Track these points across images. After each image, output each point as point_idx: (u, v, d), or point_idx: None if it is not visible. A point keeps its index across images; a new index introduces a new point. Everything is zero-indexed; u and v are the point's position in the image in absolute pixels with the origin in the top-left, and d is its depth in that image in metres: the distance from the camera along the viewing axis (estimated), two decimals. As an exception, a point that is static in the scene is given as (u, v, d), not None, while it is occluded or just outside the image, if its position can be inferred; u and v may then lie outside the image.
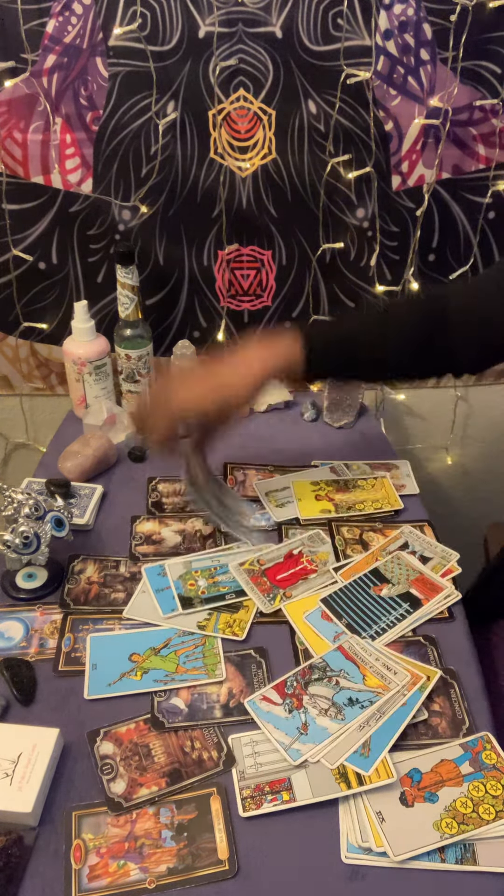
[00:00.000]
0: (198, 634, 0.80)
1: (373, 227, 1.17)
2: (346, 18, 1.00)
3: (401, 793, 0.64)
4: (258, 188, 1.12)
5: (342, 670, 0.75)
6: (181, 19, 0.99)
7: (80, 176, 1.10)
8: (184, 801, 0.65)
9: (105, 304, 1.22)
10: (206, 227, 1.16)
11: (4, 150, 1.07)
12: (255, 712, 0.71)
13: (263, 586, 0.86)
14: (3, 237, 1.14)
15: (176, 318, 1.25)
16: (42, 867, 0.60)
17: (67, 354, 1.13)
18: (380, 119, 1.08)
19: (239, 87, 1.05)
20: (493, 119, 1.08)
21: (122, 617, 0.82)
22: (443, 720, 0.71)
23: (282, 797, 0.64)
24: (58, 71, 1.02)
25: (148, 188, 1.11)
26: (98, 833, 0.62)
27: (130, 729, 0.71)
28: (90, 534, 0.96)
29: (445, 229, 1.18)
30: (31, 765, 0.64)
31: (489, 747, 0.68)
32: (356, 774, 0.65)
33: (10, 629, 0.81)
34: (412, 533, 0.95)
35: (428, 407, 1.40)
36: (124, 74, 1.03)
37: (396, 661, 0.76)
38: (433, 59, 1.04)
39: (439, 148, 1.11)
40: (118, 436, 1.14)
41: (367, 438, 1.18)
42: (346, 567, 0.89)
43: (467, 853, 0.61)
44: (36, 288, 1.19)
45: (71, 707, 0.73)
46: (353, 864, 0.60)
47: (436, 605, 0.84)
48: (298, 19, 1.00)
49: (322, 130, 1.08)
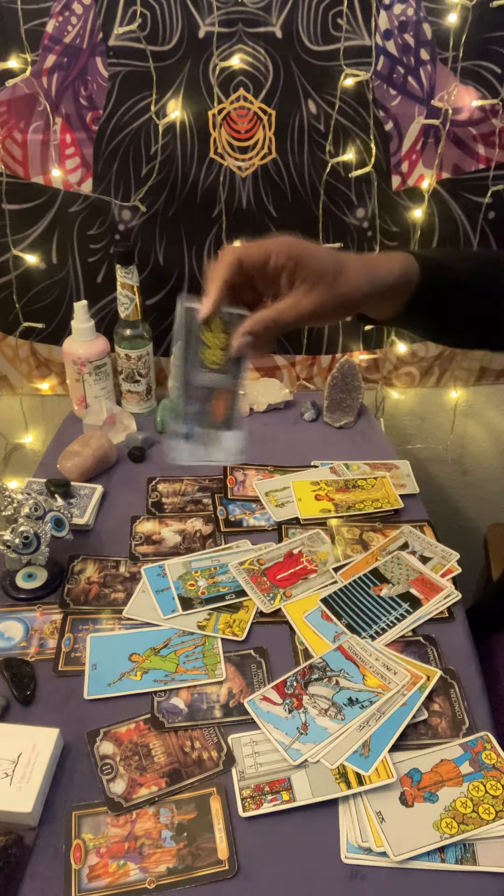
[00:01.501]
0: (198, 634, 0.80)
1: (373, 227, 1.17)
2: (346, 18, 1.00)
3: (401, 793, 0.64)
4: (258, 188, 1.12)
5: (342, 670, 0.75)
6: (181, 19, 0.99)
7: (80, 176, 1.10)
8: (184, 801, 0.65)
9: (105, 304, 1.22)
10: (206, 227, 1.15)
11: (4, 150, 1.07)
12: (255, 712, 0.71)
13: (263, 586, 0.86)
14: (3, 237, 1.14)
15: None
16: (42, 867, 0.60)
17: (67, 354, 1.13)
18: (380, 119, 1.08)
19: (239, 87, 1.05)
20: (493, 119, 1.08)
21: (122, 617, 0.82)
22: (443, 720, 0.71)
23: (282, 797, 0.64)
24: (58, 71, 1.02)
25: (148, 188, 1.11)
26: (98, 833, 0.62)
27: (130, 729, 0.71)
28: (90, 534, 0.96)
29: (445, 229, 1.18)
30: (31, 765, 0.64)
31: (489, 747, 0.68)
32: (356, 774, 0.65)
33: (10, 629, 0.81)
34: (412, 533, 0.95)
35: (428, 407, 1.40)
36: (124, 74, 1.03)
37: (396, 661, 0.76)
38: (433, 59, 1.04)
39: (439, 148, 1.11)
40: (118, 436, 1.14)
41: (367, 438, 1.18)
42: (346, 567, 0.89)
43: (467, 853, 0.61)
44: (36, 288, 1.20)
45: (71, 707, 0.73)
46: (353, 864, 0.60)
47: (436, 605, 0.84)
48: (298, 19, 1.00)
49: (322, 130, 1.08)
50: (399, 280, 0.65)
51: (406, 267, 0.65)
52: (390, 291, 0.65)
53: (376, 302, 0.67)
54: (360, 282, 0.62)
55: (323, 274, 0.60)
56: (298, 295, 0.61)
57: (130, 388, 1.18)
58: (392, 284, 0.65)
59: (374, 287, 0.64)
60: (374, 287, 0.64)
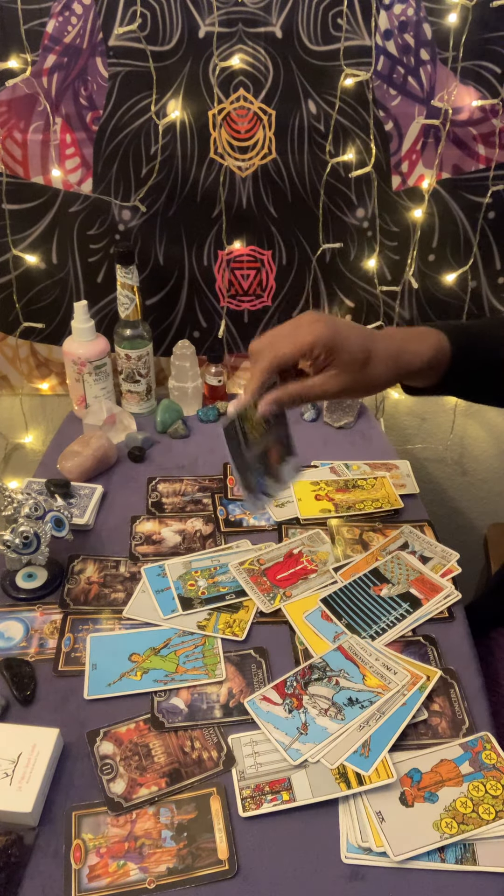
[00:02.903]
0: (198, 634, 0.80)
1: (373, 227, 1.17)
2: (346, 18, 1.00)
3: (401, 793, 0.64)
4: (258, 188, 1.12)
5: (342, 670, 0.75)
6: (181, 19, 0.99)
7: (80, 176, 1.10)
8: (184, 801, 0.65)
9: (105, 304, 1.22)
10: (206, 227, 1.16)
11: (4, 150, 1.07)
12: (255, 712, 0.71)
13: (263, 586, 0.86)
14: (3, 237, 1.14)
15: (176, 318, 1.25)
16: (42, 867, 0.60)
17: (67, 354, 1.13)
18: (380, 119, 1.08)
19: (239, 87, 1.05)
20: (493, 119, 1.08)
21: (122, 617, 0.82)
22: (443, 720, 0.71)
23: (282, 797, 0.64)
24: (58, 71, 1.02)
25: (148, 188, 1.11)
26: (98, 833, 0.62)
27: (130, 729, 0.71)
28: (90, 534, 0.96)
29: (445, 229, 1.18)
30: (31, 765, 0.64)
31: (489, 747, 0.68)
32: (356, 774, 0.65)
33: (10, 629, 0.81)
34: (412, 533, 0.95)
35: (428, 407, 1.40)
36: (124, 74, 1.03)
37: (396, 661, 0.76)
38: (433, 59, 1.04)
39: (439, 148, 1.11)
40: (118, 436, 1.14)
41: (367, 438, 1.18)
42: (346, 567, 0.89)
43: (467, 853, 0.61)
44: (36, 288, 1.20)
45: (71, 707, 0.73)
46: (353, 864, 0.60)
47: (436, 605, 0.84)
48: (298, 19, 1.00)
49: (322, 130, 1.08)
50: (430, 363, 0.68)
51: (437, 349, 0.68)
52: (419, 375, 0.69)
53: (411, 378, 0.70)
54: (385, 373, 0.66)
55: (352, 364, 0.64)
56: (327, 377, 0.65)
57: (130, 388, 1.18)
58: (421, 368, 0.68)
59: (399, 376, 0.68)
60: (399, 376, 0.68)
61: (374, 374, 0.66)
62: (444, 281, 1.22)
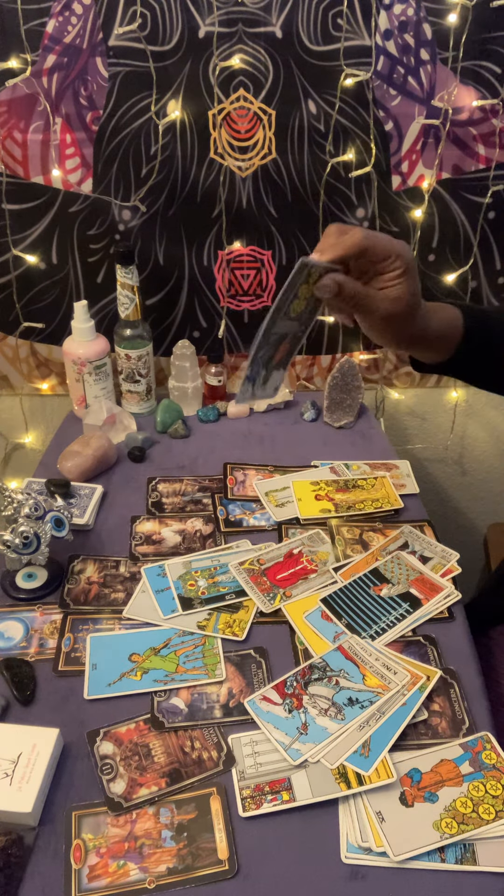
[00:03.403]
0: (198, 634, 0.80)
1: (373, 227, 1.17)
2: (346, 18, 1.00)
3: (401, 793, 0.64)
4: (258, 188, 1.12)
5: (342, 670, 0.75)
6: (181, 19, 0.99)
7: (80, 176, 1.10)
8: (184, 801, 0.65)
9: (105, 304, 1.22)
10: (206, 227, 1.16)
11: (4, 150, 1.07)
12: (255, 712, 0.71)
13: (263, 586, 0.86)
14: (3, 237, 1.14)
15: (176, 318, 1.25)
16: (42, 867, 0.60)
17: (67, 354, 1.13)
18: (380, 119, 1.08)
19: (239, 87, 1.05)
20: (493, 119, 1.08)
21: (122, 617, 0.82)
22: (443, 720, 0.71)
23: (282, 797, 0.64)
24: (58, 71, 1.02)
25: (148, 188, 1.11)
26: (98, 833, 0.62)
27: (130, 729, 0.71)
28: (90, 534, 0.96)
29: (445, 229, 1.18)
30: (31, 765, 0.64)
31: (489, 747, 0.68)
32: (356, 774, 0.65)
33: (10, 629, 0.81)
34: (412, 533, 0.95)
35: (428, 407, 1.40)
36: (124, 74, 1.03)
37: (396, 661, 0.76)
38: (433, 59, 1.04)
39: (439, 148, 1.11)
40: (118, 436, 1.14)
41: (367, 438, 1.18)
42: (346, 567, 0.89)
43: (467, 853, 0.61)
44: (36, 288, 1.20)
45: (71, 707, 0.73)
46: (353, 864, 0.60)
47: (436, 605, 0.84)
48: (298, 19, 1.00)
49: (322, 130, 1.08)
50: (445, 333, 0.70)
51: (453, 319, 0.71)
52: (432, 344, 0.71)
53: (424, 347, 0.72)
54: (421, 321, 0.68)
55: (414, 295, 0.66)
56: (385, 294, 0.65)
57: (130, 388, 1.18)
58: (438, 335, 0.70)
59: (424, 334, 0.69)
60: (424, 334, 0.69)
61: (418, 315, 0.67)
62: (444, 281, 1.22)
